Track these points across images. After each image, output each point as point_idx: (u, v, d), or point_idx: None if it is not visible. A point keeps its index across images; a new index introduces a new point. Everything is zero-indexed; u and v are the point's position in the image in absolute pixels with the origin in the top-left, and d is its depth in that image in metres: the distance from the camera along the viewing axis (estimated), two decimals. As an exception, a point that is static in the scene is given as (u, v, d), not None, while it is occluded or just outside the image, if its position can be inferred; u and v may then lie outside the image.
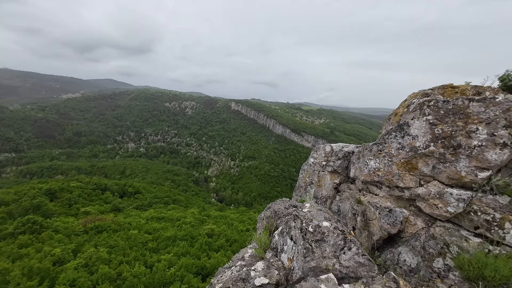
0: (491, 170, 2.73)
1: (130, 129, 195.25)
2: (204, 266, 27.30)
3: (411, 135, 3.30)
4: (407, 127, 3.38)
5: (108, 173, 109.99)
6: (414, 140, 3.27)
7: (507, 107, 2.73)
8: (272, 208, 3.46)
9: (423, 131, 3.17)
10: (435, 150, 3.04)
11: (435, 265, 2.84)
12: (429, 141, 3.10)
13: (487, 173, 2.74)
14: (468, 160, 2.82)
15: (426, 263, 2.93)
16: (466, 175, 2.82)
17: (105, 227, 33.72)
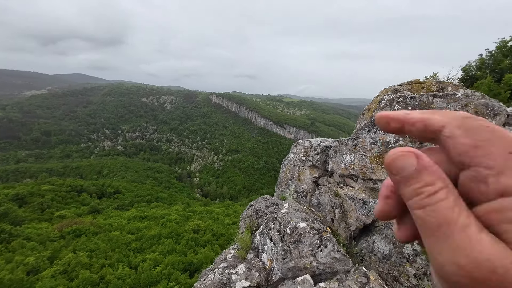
0: (452, 161, 2.98)
1: (105, 127, 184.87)
2: (191, 262, 27.29)
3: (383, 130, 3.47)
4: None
5: (83, 174, 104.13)
6: (385, 135, 3.45)
7: (465, 103, 2.95)
8: (254, 206, 3.50)
9: (393, 126, 3.35)
10: (404, 144, 3.24)
11: (405, 251, 3.07)
12: (398, 136, 3.29)
13: (448, 164, 2.99)
14: (432, 153, 3.04)
15: (397, 249, 3.16)
16: (431, 167, 3.05)
17: (83, 231, 32.26)
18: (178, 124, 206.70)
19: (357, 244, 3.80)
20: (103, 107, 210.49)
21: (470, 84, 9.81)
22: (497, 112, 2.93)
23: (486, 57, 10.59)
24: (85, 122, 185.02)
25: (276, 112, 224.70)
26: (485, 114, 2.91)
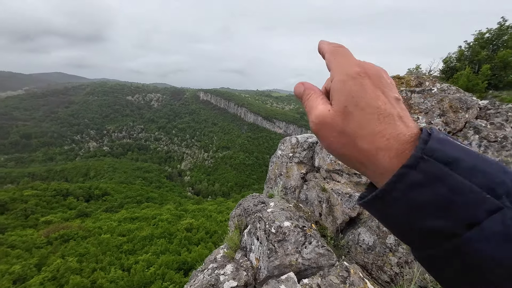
0: (429, 154, 3.12)
1: (89, 127, 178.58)
2: (185, 261, 27.26)
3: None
4: (361, 119, 3.65)
5: (69, 177, 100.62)
6: (368, 131, 3.55)
7: (440, 98, 3.09)
8: (242, 205, 3.53)
9: (374, 122, 3.46)
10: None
11: (388, 241, 3.22)
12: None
13: (426, 157, 3.13)
14: (411, 147, 3.17)
15: (381, 240, 3.31)
16: (410, 160, 3.18)
17: (71, 235, 31.40)
18: (166, 122, 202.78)
19: (344, 237, 3.94)
20: (86, 106, 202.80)
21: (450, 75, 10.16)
22: (469, 106, 3.08)
23: (465, 48, 10.97)
24: (68, 123, 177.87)
25: (265, 107, 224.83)
26: (459, 108, 3.06)
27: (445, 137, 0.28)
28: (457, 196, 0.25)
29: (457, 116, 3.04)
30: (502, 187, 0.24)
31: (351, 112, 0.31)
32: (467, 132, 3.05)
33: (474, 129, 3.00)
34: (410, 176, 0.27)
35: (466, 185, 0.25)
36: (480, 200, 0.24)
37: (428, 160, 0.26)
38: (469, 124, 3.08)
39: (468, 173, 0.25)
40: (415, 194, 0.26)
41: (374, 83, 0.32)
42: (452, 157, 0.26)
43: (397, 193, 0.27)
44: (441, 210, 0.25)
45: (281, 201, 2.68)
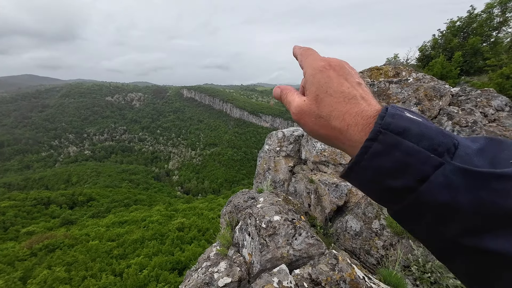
0: (408, 141, 3.29)
1: (67, 131, 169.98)
2: (178, 260, 27.13)
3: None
4: (343, 110, 3.76)
5: (49, 185, 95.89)
6: (350, 122, 3.67)
7: (416, 87, 3.24)
8: (233, 202, 3.57)
9: (356, 113, 3.57)
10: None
11: (373, 226, 3.38)
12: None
13: (405, 144, 3.29)
14: (391, 135, 3.33)
15: (367, 225, 3.47)
16: (391, 148, 3.33)
17: (57, 244, 30.22)
18: (150, 122, 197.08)
19: (333, 225, 4.09)
20: (62, 110, 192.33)
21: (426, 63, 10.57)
22: (443, 93, 3.26)
23: (439, 37, 11.42)
24: (43, 128, 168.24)
25: (250, 102, 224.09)
26: (433, 96, 3.22)
27: (397, 112, 0.33)
28: (409, 158, 0.31)
29: (432, 104, 3.21)
30: (442, 147, 0.30)
31: (322, 99, 0.39)
32: (441, 119, 3.23)
33: (447, 116, 3.19)
34: (373, 147, 0.33)
35: (415, 148, 0.30)
36: (427, 159, 0.30)
37: (385, 132, 0.32)
38: (442, 111, 3.26)
39: (416, 139, 0.31)
40: (378, 161, 0.32)
41: (338, 73, 0.40)
42: (402, 128, 0.32)
43: (365, 162, 0.33)
44: (399, 171, 0.31)
45: (270, 195, 2.73)
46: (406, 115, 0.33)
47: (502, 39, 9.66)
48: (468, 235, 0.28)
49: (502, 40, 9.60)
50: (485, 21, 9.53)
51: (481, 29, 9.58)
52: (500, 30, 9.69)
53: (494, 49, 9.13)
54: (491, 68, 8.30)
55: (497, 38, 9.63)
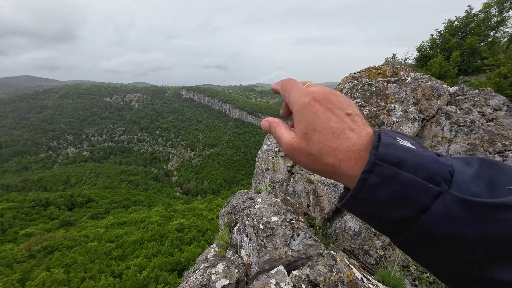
0: (406, 141, 3.28)
1: (66, 132, 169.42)
2: (178, 261, 27.07)
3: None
4: (342, 110, 3.76)
5: (47, 186, 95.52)
6: (348, 122, 3.66)
7: (414, 87, 3.23)
8: (231, 203, 3.55)
9: (354, 113, 3.57)
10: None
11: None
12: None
13: (404, 144, 3.29)
14: (390, 135, 3.32)
15: (365, 225, 3.46)
16: (389, 148, 3.32)
17: (55, 246, 30.09)
18: (149, 122, 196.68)
19: (331, 225, 4.08)
20: (61, 111, 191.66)
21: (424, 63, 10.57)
22: (440, 93, 3.26)
23: (437, 37, 11.43)
24: (42, 129, 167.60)
25: (249, 102, 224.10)
26: (431, 95, 3.22)
27: (391, 141, 0.33)
28: (408, 189, 0.30)
29: (430, 104, 3.21)
30: (439, 176, 0.30)
31: (311, 137, 0.38)
32: (439, 118, 3.23)
33: (445, 115, 3.18)
34: (370, 180, 0.32)
35: (413, 179, 0.30)
36: (426, 190, 0.30)
37: (381, 164, 0.31)
38: (440, 110, 3.26)
39: (413, 169, 0.30)
40: (376, 193, 0.32)
41: (324, 107, 0.38)
42: (398, 158, 0.31)
43: (363, 194, 0.33)
44: (399, 203, 0.31)
45: (268, 196, 2.72)
46: (400, 143, 0.33)
47: (500, 38, 9.69)
48: (477, 266, 0.28)
49: (499, 40, 9.63)
50: (483, 20, 9.56)
51: (479, 28, 9.60)
52: (498, 29, 9.72)
53: (491, 49, 9.15)
54: (488, 68, 8.32)
55: (495, 38, 9.66)
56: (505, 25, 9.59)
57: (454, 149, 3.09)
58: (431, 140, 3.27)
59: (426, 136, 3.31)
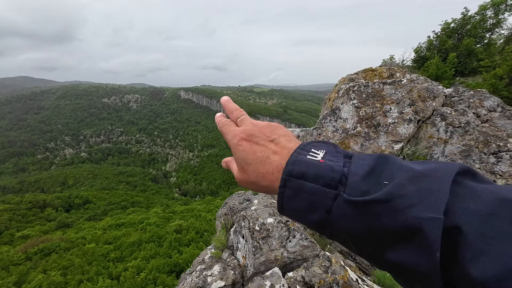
0: (402, 142, 3.30)
1: (63, 133, 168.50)
2: (176, 263, 26.93)
3: (342, 118, 3.69)
4: (338, 111, 3.77)
5: (45, 187, 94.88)
6: (345, 123, 3.67)
7: (409, 88, 3.25)
8: (228, 204, 3.55)
9: (351, 114, 3.58)
10: (361, 130, 3.49)
11: (369, 227, 3.39)
12: (356, 122, 3.53)
13: (400, 145, 3.30)
14: (386, 136, 3.33)
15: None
16: (385, 149, 3.34)
17: (52, 248, 29.86)
18: (147, 123, 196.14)
19: (329, 226, 4.11)
20: (58, 111, 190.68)
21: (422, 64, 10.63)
22: (436, 94, 3.28)
23: (433, 38, 11.49)
24: (39, 130, 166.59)
25: (248, 103, 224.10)
26: (427, 97, 3.24)
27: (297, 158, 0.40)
28: (313, 196, 0.36)
29: (425, 105, 3.23)
30: (334, 181, 0.35)
31: (247, 169, 0.47)
32: (434, 120, 3.25)
33: (440, 116, 3.21)
34: (285, 193, 0.39)
35: (315, 187, 0.36)
36: (325, 194, 0.35)
37: (289, 179, 0.38)
38: (436, 111, 3.28)
39: (314, 179, 0.36)
40: (293, 203, 0.38)
41: (250, 142, 0.47)
42: (301, 172, 0.38)
43: (285, 205, 0.40)
44: (311, 208, 0.37)
45: (264, 197, 2.72)
46: (306, 158, 0.39)
47: (496, 40, 9.76)
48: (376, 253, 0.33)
49: (495, 42, 9.70)
50: (479, 22, 9.62)
51: (475, 30, 9.67)
52: (493, 31, 9.79)
53: (487, 50, 9.22)
54: (485, 69, 8.38)
55: (491, 40, 9.73)
56: (501, 27, 9.67)
57: (450, 150, 3.11)
58: (427, 141, 3.29)
59: (422, 137, 3.33)
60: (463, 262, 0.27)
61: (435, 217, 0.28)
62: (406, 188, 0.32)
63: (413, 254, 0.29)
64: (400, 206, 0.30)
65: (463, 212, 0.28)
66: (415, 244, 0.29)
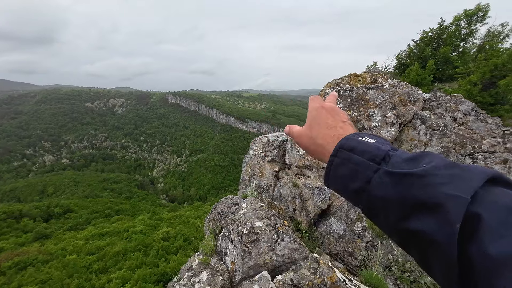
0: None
1: (43, 139, 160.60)
2: (164, 272, 26.07)
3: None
4: (325, 115, 3.85)
5: (21, 197, 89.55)
6: (331, 126, 3.75)
7: (391, 93, 3.39)
8: (217, 209, 3.50)
9: (337, 118, 3.67)
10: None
11: (356, 228, 3.45)
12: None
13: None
14: (370, 139, 3.44)
15: (350, 228, 3.53)
16: (370, 151, 3.43)
17: (29, 261, 28.06)
18: (133, 128, 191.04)
19: (317, 229, 4.12)
20: (38, 116, 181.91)
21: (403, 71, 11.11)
22: (416, 99, 3.44)
23: (413, 46, 12.09)
24: (16, 136, 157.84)
25: (237, 108, 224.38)
26: (408, 101, 3.39)
27: (351, 136, 0.50)
28: (358, 166, 0.44)
29: (406, 109, 3.37)
30: (378, 157, 0.43)
31: (313, 126, 0.59)
32: (415, 123, 3.40)
33: (420, 120, 3.35)
34: (334, 161, 0.48)
35: (360, 160, 0.44)
36: (369, 166, 0.43)
37: (340, 150, 0.48)
38: (416, 115, 3.43)
39: (361, 154, 0.45)
40: (339, 170, 0.47)
41: (327, 112, 0.59)
42: (351, 146, 0.47)
43: (331, 172, 0.49)
44: (354, 176, 0.44)
45: (253, 201, 2.71)
46: (357, 138, 0.49)
47: (469, 49, 10.41)
48: (400, 220, 0.37)
49: (469, 50, 10.34)
50: (454, 32, 10.23)
51: (451, 39, 10.26)
52: (467, 41, 10.45)
53: (462, 58, 9.80)
54: (460, 76, 8.89)
55: (465, 49, 10.36)
56: (474, 37, 10.33)
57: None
58: (408, 144, 3.42)
59: (404, 139, 3.46)
60: (481, 240, 0.29)
61: (461, 196, 0.32)
62: (441, 171, 0.36)
63: (434, 224, 0.33)
64: (432, 182, 0.35)
65: (490, 204, 0.31)
66: (438, 215, 0.33)
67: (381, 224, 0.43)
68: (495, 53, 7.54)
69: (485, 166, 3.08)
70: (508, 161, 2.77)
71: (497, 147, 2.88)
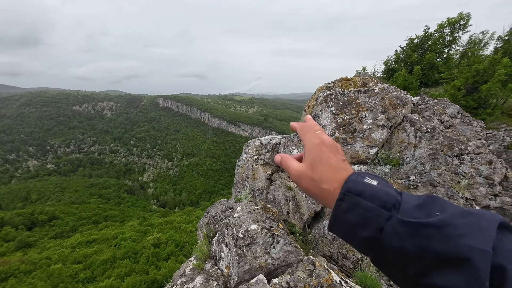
0: (377, 147, 3.48)
1: (27, 143, 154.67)
2: (154, 279, 25.42)
3: (321, 125, 3.83)
4: (317, 118, 3.90)
5: (3, 204, 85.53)
6: (324, 129, 3.80)
7: (381, 96, 3.48)
8: (210, 213, 3.46)
9: (329, 120, 3.72)
10: (339, 136, 3.63)
11: (349, 230, 3.48)
12: (334, 129, 3.68)
13: (375, 150, 3.48)
14: (362, 141, 3.50)
15: (343, 230, 3.56)
16: (362, 153, 3.50)
17: (10, 272, 26.71)
18: (123, 132, 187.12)
19: (311, 231, 4.13)
20: (22, 120, 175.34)
21: (391, 75, 11.44)
22: (405, 102, 3.54)
23: (400, 52, 12.49)
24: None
25: (229, 111, 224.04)
26: (397, 105, 3.49)
27: (357, 178, 0.46)
28: (368, 213, 0.41)
29: (396, 112, 3.46)
30: (389, 203, 0.40)
31: (316, 167, 0.52)
32: (405, 125, 3.49)
33: (410, 123, 3.45)
34: (342, 206, 0.44)
35: (371, 206, 0.41)
36: (380, 213, 0.40)
37: (348, 194, 0.44)
38: (406, 118, 3.53)
39: (370, 198, 0.42)
40: (347, 216, 0.43)
41: (328, 149, 0.53)
42: (359, 190, 0.43)
43: (338, 218, 0.44)
44: (363, 224, 0.41)
45: (247, 204, 2.70)
46: (363, 180, 0.45)
47: (453, 55, 10.86)
48: (421, 275, 0.36)
49: (453, 56, 10.79)
50: (438, 39, 10.66)
51: (435, 46, 10.68)
52: (451, 47, 10.90)
53: (446, 64, 10.22)
54: (445, 81, 9.25)
55: (449, 55, 10.80)
56: (457, 44, 10.79)
57: (419, 153, 3.35)
58: (399, 146, 3.51)
59: (395, 142, 3.55)
60: None
61: (485, 249, 0.31)
62: (458, 220, 0.35)
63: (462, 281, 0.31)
64: (453, 234, 0.34)
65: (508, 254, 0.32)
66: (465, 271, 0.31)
67: (395, 276, 0.40)
68: (477, 60, 7.91)
69: (472, 167, 3.20)
70: (493, 162, 2.88)
71: (482, 149, 3.00)
